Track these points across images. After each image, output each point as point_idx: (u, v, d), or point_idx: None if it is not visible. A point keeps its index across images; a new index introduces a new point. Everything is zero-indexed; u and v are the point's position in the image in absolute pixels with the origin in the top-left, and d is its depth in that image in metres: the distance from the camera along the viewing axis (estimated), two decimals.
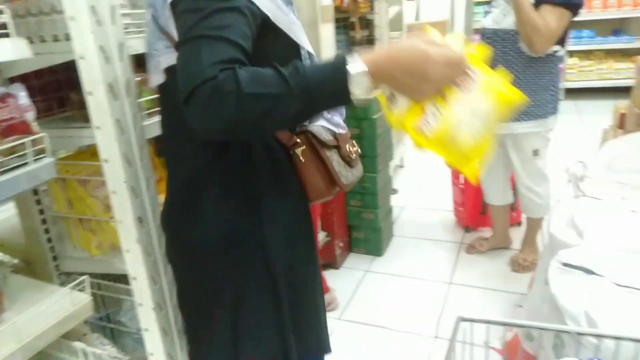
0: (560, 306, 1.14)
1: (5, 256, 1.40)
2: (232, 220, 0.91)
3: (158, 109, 1.02)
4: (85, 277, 1.13)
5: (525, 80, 2.05)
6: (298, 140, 0.93)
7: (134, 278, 1.12)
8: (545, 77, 2.09)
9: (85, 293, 1.11)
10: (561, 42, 2.06)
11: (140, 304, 1.14)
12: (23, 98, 0.95)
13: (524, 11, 1.90)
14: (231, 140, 0.87)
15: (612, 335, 0.85)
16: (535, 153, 2.18)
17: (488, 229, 2.68)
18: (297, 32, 0.90)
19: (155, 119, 1.11)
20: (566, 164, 1.73)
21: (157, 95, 0.99)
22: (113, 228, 1.13)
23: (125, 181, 1.04)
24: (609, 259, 1.26)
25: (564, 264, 1.27)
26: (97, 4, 0.95)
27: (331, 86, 0.73)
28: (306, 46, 0.93)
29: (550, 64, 2.08)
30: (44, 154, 0.97)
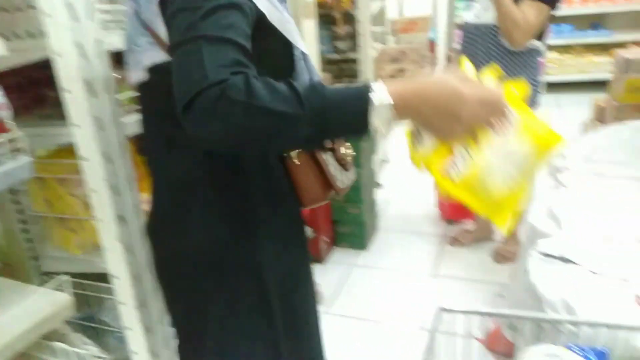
0: (539, 295, 1.17)
1: None
2: (222, 229, 0.85)
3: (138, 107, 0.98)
4: (65, 277, 1.11)
5: (506, 74, 2.08)
6: None
7: (115, 276, 1.11)
8: (526, 71, 2.11)
9: (66, 293, 1.09)
10: (541, 37, 2.09)
11: (121, 303, 1.13)
12: None
13: (504, 5, 1.92)
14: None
15: (588, 321, 0.88)
16: None
17: (471, 221, 2.72)
18: (292, 32, 0.84)
19: (136, 116, 1.10)
20: None
21: (137, 92, 0.93)
22: (94, 227, 1.12)
23: (105, 179, 1.02)
24: (587, 248, 1.29)
25: (543, 254, 1.30)
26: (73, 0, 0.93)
27: (350, 115, 0.66)
28: (300, 46, 0.87)
29: (531, 58, 2.11)
30: (21, 153, 0.94)
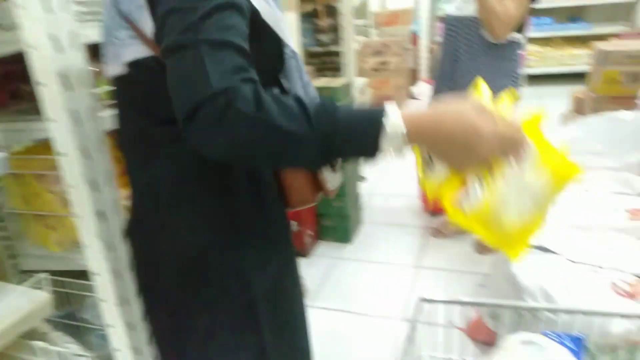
0: (519, 284, 1.19)
1: None
2: (206, 231, 0.81)
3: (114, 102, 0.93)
4: (43, 275, 1.09)
5: (487, 66, 2.10)
6: None
7: (95, 273, 1.09)
8: (506, 63, 2.14)
9: (44, 291, 1.08)
10: (521, 29, 2.11)
11: (103, 300, 1.11)
12: None
13: None
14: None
15: (565, 309, 0.90)
16: None
17: None
18: (284, 29, 0.81)
19: (114, 110, 1.08)
20: None
21: (113, 86, 0.88)
22: (73, 223, 1.10)
23: (83, 175, 1.00)
24: (564, 237, 1.32)
25: None
26: None
27: (360, 139, 0.64)
28: (290, 44, 0.84)
29: (512, 50, 2.13)
30: None
